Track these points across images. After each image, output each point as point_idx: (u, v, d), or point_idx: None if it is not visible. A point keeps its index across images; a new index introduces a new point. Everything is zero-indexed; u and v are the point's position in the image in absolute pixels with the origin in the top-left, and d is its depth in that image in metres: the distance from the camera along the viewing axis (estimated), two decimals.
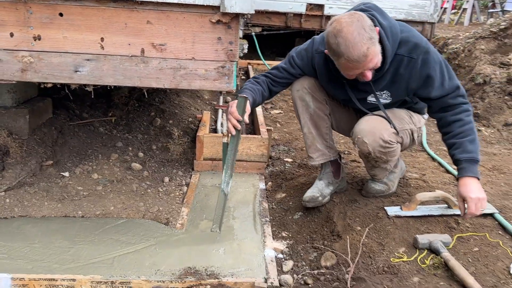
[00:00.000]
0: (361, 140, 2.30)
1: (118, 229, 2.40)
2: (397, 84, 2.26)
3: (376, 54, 2.04)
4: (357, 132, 2.32)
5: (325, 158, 2.56)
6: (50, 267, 2.06)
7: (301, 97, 2.43)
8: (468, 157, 2.12)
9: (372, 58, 2.02)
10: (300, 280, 2.06)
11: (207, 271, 2.07)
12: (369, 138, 2.28)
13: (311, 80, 2.43)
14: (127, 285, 1.94)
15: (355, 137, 2.34)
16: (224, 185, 2.30)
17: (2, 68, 1.89)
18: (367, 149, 2.30)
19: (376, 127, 2.29)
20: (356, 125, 2.35)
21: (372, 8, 2.13)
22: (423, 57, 2.16)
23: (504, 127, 4.05)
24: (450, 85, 2.20)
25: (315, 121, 2.47)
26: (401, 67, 2.18)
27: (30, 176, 2.84)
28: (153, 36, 1.87)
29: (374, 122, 2.32)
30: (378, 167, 2.45)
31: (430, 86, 2.20)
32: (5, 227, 2.38)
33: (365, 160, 2.49)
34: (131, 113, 3.88)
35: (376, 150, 2.30)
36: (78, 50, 1.88)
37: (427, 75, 2.18)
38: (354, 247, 2.15)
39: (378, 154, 2.33)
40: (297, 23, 7.96)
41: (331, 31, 2.00)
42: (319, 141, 2.51)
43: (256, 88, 2.28)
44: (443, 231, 2.23)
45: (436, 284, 1.86)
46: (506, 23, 4.91)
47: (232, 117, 2.17)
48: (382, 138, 2.27)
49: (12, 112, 2.92)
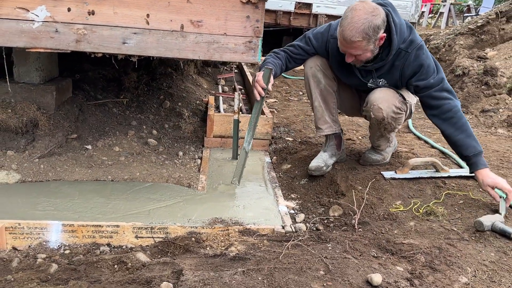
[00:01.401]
0: (376, 106, 2.59)
1: (147, 190, 2.69)
2: (392, 74, 2.60)
3: (364, 50, 2.36)
4: (373, 100, 2.61)
5: (331, 130, 2.88)
6: (94, 216, 2.33)
7: (314, 74, 2.74)
8: (474, 152, 2.41)
9: (356, 49, 2.35)
10: (312, 227, 2.38)
11: (232, 221, 2.38)
12: (384, 105, 2.58)
13: (323, 59, 2.73)
14: (164, 230, 2.22)
15: (370, 104, 2.61)
16: (246, 144, 2.62)
17: (59, 39, 2.16)
18: (382, 115, 2.60)
19: (389, 95, 2.61)
20: (370, 94, 2.64)
21: (388, 5, 2.46)
22: (416, 52, 2.49)
23: (481, 113, 4.48)
24: (436, 79, 2.51)
25: (324, 96, 2.80)
26: (398, 59, 2.52)
27: (57, 147, 3.09)
28: (192, 14, 2.17)
29: (386, 92, 2.63)
30: (384, 136, 2.81)
31: (420, 74, 2.50)
32: (44, 187, 2.64)
33: (376, 127, 2.75)
34: (141, 96, 4.15)
35: (389, 115, 2.60)
36: (127, 25, 2.16)
37: (419, 65, 2.50)
38: (357, 201, 2.48)
39: (390, 120, 2.63)
40: (286, 20, 8.33)
41: (353, 5, 2.34)
42: (327, 114, 2.83)
43: (277, 62, 2.60)
44: (432, 189, 2.58)
45: (430, 226, 2.21)
46: (482, 21, 5.37)
47: (258, 85, 2.47)
48: (395, 105, 2.60)
49: (41, 88, 3.16)
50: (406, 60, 2.51)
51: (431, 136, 3.72)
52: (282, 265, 1.80)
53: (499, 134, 3.93)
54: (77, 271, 1.84)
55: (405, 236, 2.14)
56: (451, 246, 1.99)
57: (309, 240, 2.11)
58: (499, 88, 4.56)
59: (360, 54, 2.39)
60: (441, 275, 1.79)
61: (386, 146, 2.89)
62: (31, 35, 2.17)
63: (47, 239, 2.14)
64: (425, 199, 2.48)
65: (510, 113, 4.25)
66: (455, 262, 1.87)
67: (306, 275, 1.73)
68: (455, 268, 1.84)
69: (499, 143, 3.59)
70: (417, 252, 1.94)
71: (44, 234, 2.14)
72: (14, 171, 2.75)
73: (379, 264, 1.85)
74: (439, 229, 2.18)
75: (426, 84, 2.49)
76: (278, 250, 1.99)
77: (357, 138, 3.64)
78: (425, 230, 2.18)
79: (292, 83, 6.22)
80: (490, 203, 2.39)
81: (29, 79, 3.19)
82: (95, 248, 2.13)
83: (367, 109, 2.66)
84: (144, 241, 2.19)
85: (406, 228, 2.24)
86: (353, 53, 2.39)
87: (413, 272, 1.80)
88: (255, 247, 2.05)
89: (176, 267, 1.82)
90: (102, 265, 1.89)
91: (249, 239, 2.16)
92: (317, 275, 1.73)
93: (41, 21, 2.15)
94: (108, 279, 1.76)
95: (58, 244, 2.13)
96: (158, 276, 1.75)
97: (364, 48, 2.35)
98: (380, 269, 1.80)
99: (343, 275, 1.74)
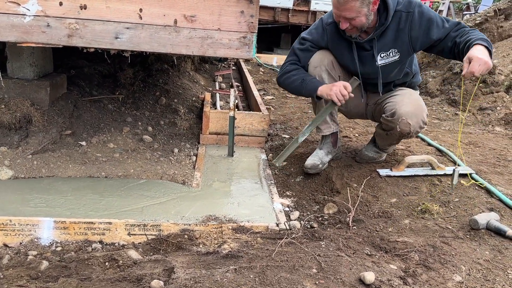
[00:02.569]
0: (405, 121, 2.48)
1: (141, 187, 2.67)
2: (400, 39, 2.51)
3: (357, 12, 2.30)
4: (402, 113, 2.49)
5: (330, 130, 2.86)
6: (86, 213, 2.31)
7: (319, 74, 2.66)
8: (480, 37, 2.24)
9: (350, 11, 2.30)
10: (307, 224, 2.37)
11: (226, 218, 2.36)
12: (413, 120, 2.49)
13: (329, 58, 2.67)
14: (157, 228, 2.20)
15: (398, 117, 2.49)
16: (300, 135, 2.65)
17: (51, 34, 2.13)
18: (409, 130, 2.51)
19: (418, 108, 2.52)
20: (398, 106, 2.51)
21: None
22: (418, 9, 2.46)
23: (478, 111, 4.46)
24: (450, 24, 2.43)
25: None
26: (401, 22, 2.46)
27: (51, 144, 3.06)
28: (185, 8, 2.14)
29: (415, 103, 2.54)
30: (395, 143, 2.81)
31: (432, 28, 2.43)
32: (37, 183, 2.62)
33: (395, 137, 2.66)
34: (137, 93, 4.12)
35: (415, 130, 2.54)
36: (119, 19, 2.14)
37: (427, 19, 2.44)
38: (352, 199, 2.46)
39: (414, 134, 2.58)
40: (284, 17, 8.31)
41: None
42: (328, 115, 2.80)
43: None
44: (428, 187, 2.57)
45: (424, 224, 2.20)
46: (481, 18, 5.35)
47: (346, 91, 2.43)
48: (423, 120, 2.53)
49: (34, 84, 3.14)
50: (411, 21, 2.46)
51: (428, 134, 3.70)
52: (274, 263, 1.79)
53: (496, 132, 3.91)
54: (68, 268, 1.82)
55: (399, 234, 2.12)
56: (445, 244, 1.98)
57: (303, 238, 2.09)
58: (496, 86, 4.54)
59: (354, 18, 2.34)
60: (435, 273, 1.77)
61: (391, 150, 2.91)
62: (22, 30, 2.15)
63: (39, 236, 2.13)
64: (420, 197, 2.46)
65: (507, 111, 4.23)
66: (449, 261, 1.85)
67: (298, 273, 1.71)
68: (449, 266, 1.82)
69: (496, 141, 3.57)
70: (411, 250, 1.92)
71: (35, 231, 2.13)
72: (7, 167, 2.73)
73: (372, 262, 1.83)
74: (434, 227, 2.16)
75: (445, 31, 2.41)
76: (271, 247, 1.97)
77: (354, 135, 3.62)
78: (419, 228, 2.16)
79: None
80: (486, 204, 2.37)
81: (23, 75, 3.16)
82: (87, 245, 2.11)
83: (393, 120, 2.53)
84: (136, 238, 2.17)
85: (400, 226, 2.22)
86: (347, 16, 2.34)
87: (406, 271, 1.79)
88: (248, 244, 2.04)
89: (168, 265, 1.81)
90: (93, 263, 1.87)
91: (242, 236, 2.14)
92: (309, 273, 1.71)
93: (33, 15, 2.13)
94: (98, 277, 1.74)
95: (49, 241, 2.11)
96: (149, 273, 1.73)
97: (357, 9, 2.31)
98: (373, 267, 1.79)
99: (335, 273, 1.72)
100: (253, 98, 4.35)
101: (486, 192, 2.47)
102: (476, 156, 3.12)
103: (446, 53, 2.51)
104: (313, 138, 3.52)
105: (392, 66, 2.60)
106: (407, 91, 2.69)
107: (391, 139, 2.73)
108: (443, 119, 4.48)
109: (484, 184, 2.50)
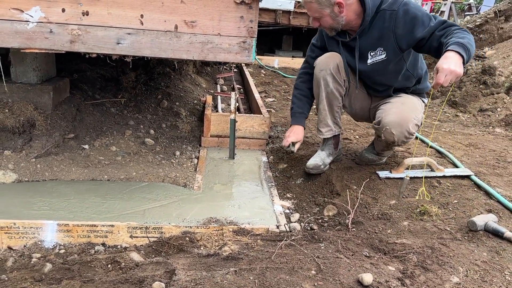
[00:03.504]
0: (389, 131, 2.54)
1: (143, 190, 2.70)
2: (385, 38, 2.52)
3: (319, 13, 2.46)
4: (386, 122, 2.55)
5: (331, 133, 2.88)
6: (89, 216, 2.34)
7: (324, 77, 2.71)
8: (455, 41, 2.18)
9: (312, 11, 2.49)
10: (307, 226, 2.39)
11: (227, 220, 2.39)
12: (397, 130, 2.54)
13: (335, 62, 2.70)
14: (159, 230, 2.23)
15: (383, 127, 2.57)
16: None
17: (54, 40, 2.17)
18: (393, 139, 2.57)
19: (403, 118, 2.55)
20: (384, 115, 2.58)
21: None
22: (403, 7, 2.45)
23: (479, 112, 4.47)
24: (436, 23, 2.37)
25: (330, 100, 2.77)
26: (385, 21, 2.48)
27: (54, 147, 3.10)
28: (186, 14, 2.18)
29: (402, 112, 2.57)
30: (390, 149, 2.86)
31: (417, 26, 2.39)
32: (41, 187, 2.65)
33: (384, 144, 2.73)
34: (139, 96, 4.16)
35: (400, 140, 2.58)
36: (121, 25, 2.17)
37: (412, 18, 2.42)
38: (352, 201, 2.49)
39: (400, 143, 2.63)
40: (286, 19, 8.33)
41: None
42: (330, 118, 2.83)
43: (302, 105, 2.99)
44: (427, 189, 2.59)
45: (423, 226, 2.22)
46: (481, 20, 5.37)
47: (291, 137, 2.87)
48: (408, 131, 2.56)
49: (38, 88, 3.18)
50: (396, 20, 2.45)
51: (428, 136, 3.72)
52: (274, 265, 1.81)
53: (496, 134, 3.93)
54: (71, 271, 1.85)
55: (398, 236, 2.15)
56: (443, 246, 2.00)
57: (303, 240, 2.12)
58: (497, 87, 4.55)
59: (319, 18, 2.50)
60: (432, 274, 1.80)
61: (389, 154, 2.96)
62: (26, 36, 2.18)
63: (42, 238, 2.16)
64: (419, 199, 2.48)
65: (508, 113, 4.24)
66: (447, 262, 1.87)
67: (297, 274, 1.74)
68: (447, 268, 1.84)
69: (496, 142, 3.59)
70: (410, 252, 1.94)
71: (39, 233, 2.16)
72: (11, 170, 2.76)
73: (371, 264, 1.85)
74: (432, 228, 2.18)
75: (430, 30, 2.37)
76: (271, 249, 2.00)
77: (354, 137, 3.64)
78: (418, 230, 2.18)
79: (292, 82, 6.21)
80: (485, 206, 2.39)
81: (27, 79, 3.20)
82: (89, 247, 2.14)
83: (379, 128, 2.62)
84: (138, 241, 2.20)
85: (399, 227, 2.25)
86: (313, 16, 2.52)
87: (404, 272, 1.81)
88: (248, 246, 2.06)
89: (169, 267, 1.83)
90: (96, 265, 1.90)
91: (243, 238, 2.17)
92: (308, 275, 1.74)
93: (36, 22, 2.16)
94: (101, 279, 1.77)
95: (53, 244, 2.14)
96: (150, 276, 1.76)
97: (318, 10, 2.46)
98: (371, 268, 1.81)
99: (334, 274, 1.74)
100: (254, 100, 4.38)
101: (485, 193, 2.49)
102: (476, 158, 3.13)
103: (434, 54, 2.46)
104: (313, 140, 3.54)
105: (381, 65, 2.61)
106: (400, 99, 2.71)
107: (382, 145, 2.79)
108: (443, 121, 4.50)
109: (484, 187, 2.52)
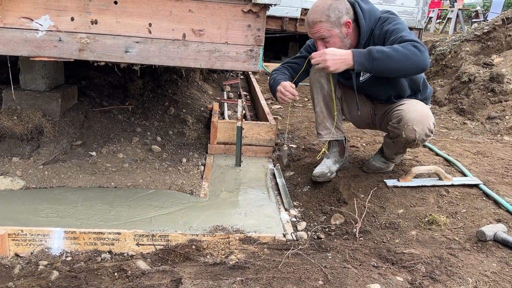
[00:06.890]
0: (411, 128, 2.48)
1: (149, 197, 2.70)
2: None
3: (328, 32, 2.39)
4: (408, 119, 2.49)
5: (331, 137, 2.87)
6: (95, 223, 2.35)
7: (318, 79, 2.74)
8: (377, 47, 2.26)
9: (320, 32, 2.40)
10: (313, 235, 2.38)
11: (233, 228, 2.38)
12: (419, 127, 2.49)
13: None
14: (165, 238, 2.23)
15: (404, 124, 2.50)
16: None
17: (63, 48, 2.19)
18: (414, 136, 2.51)
19: (424, 116, 2.52)
20: (405, 113, 2.52)
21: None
22: (381, 25, 2.45)
23: (487, 120, 4.44)
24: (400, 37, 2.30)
25: (327, 102, 2.79)
26: (375, 39, 2.47)
27: (62, 154, 3.12)
28: (194, 23, 2.19)
29: (422, 111, 2.54)
30: (402, 153, 2.82)
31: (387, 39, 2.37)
32: (48, 194, 2.66)
33: (401, 145, 2.66)
34: (146, 103, 4.18)
35: (421, 138, 2.52)
36: (129, 34, 2.19)
37: (385, 32, 2.39)
38: (359, 210, 2.47)
39: (420, 142, 2.56)
40: (292, 27, 8.35)
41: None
42: (329, 120, 2.83)
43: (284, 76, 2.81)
44: (435, 198, 2.57)
45: (431, 235, 2.20)
46: (489, 27, 5.35)
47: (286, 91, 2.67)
48: (429, 128, 2.52)
49: (46, 95, 3.20)
50: (374, 37, 2.47)
51: (436, 144, 3.69)
52: (281, 275, 1.80)
53: (505, 142, 3.90)
54: (78, 279, 1.85)
55: (406, 246, 2.13)
56: (452, 256, 1.97)
57: (310, 249, 2.10)
58: (505, 95, 4.52)
59: (327, 38, 2.42)
60: (441, 285, 1.77)
61: (398, 160, 2.91)
62: (35, 44, 2.20)
63: (49, 246, 2.16)
64: (427, 208, 2.46)
65: None
66: (456, 273, 1.85)
67: (304, 284, 1.72)
68: (455, 278, 1.82)
69: (505, 150, 3.55)
70: (418, 262, 1.92)
71: (46, 241, 2.16)
72: (19, 177, 2.78)
73: (378, 274, 1.84)
74: (440, 238, 2.16)
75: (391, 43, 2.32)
76: (278, 259, 1.99)
77: (361, 145, 3.63)
78: (426, 240, 2.16)
79: (298, 89, 6.21)
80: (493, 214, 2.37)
81: (35, 87, 3.23)
82: (96, 255, 2.14)
83: (399, 127, 2.55)
84: (145, 249, 2.19)
85: (407, 237, 2.23)
86: (320, 36, 2.42)
87: (413, 283, 1.79)
88: (255, 255, 2.05)
89: (176, 276, 1.83)
90: (102, 273, 1.90)
91: (249, 247, 2.16)
92: (315, 285, 1.72)
93: (45, 30, 2.18)
94: (107, 287, 1.77)
95: (60, 251, 2.15)
96: (157, 284, 1.75)
97: (327, 29, 2.40)
98: (379, 279, 1.79)
99: (341, 285, 1.73)
100: (260, 107, 4.38)
101: (494, 203, 2.47)
102: (484, 166, 3.11)
103: None
104: (320, 148, 3.53)
105: (373, 81, 2.62)
106: (414, 100, 2.70)
107: (397, 147, 2.73)
108: (451, 128, 4.47)
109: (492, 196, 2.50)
